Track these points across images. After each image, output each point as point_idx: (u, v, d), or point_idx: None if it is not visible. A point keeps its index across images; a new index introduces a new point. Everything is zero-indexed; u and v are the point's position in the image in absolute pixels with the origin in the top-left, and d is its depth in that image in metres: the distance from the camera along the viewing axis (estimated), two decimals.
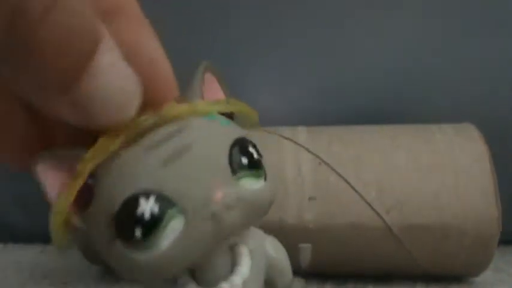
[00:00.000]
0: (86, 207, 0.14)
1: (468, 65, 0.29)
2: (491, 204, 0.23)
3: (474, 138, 0.24)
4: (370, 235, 0.23)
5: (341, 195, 0.23)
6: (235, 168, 0.14)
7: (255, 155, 0.15)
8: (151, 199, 0.13)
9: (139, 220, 0.13)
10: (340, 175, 0.23)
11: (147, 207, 0.13)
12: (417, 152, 0.24)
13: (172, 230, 0.13)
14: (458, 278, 0.26)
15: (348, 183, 0.23)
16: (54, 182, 0.15)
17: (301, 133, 0.26)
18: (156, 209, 0.13)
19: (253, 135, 0.21)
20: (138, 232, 0.13)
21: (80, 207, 0.14)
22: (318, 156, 0.24)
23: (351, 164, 0.24)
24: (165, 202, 0.13)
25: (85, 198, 0.14)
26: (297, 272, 0.22)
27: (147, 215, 0.13)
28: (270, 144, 0.25)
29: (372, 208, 0.23)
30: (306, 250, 0.23)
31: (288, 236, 0.23)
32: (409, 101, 0.30)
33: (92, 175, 0.14)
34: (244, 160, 0.15)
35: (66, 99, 0.13)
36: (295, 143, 0.25)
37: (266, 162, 0.15)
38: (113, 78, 0.13)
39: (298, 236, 0.23)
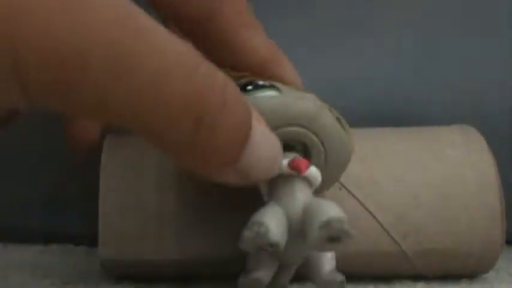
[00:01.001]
0: None
1: (468, 65, 0.29)
2: (497, 228, 0.24)
3: (483, 151, 0.25)
4: (387, 260, 0.24)
5: (360, 222, 0.24)
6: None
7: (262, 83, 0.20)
8: None
9: None
10: (361, 202, 0.24)
11: None
12: (431, 174, 0.25)
13: None
14: (458, 279, 0.26)
15: (368, 210, 0.24)
16: None
17: None
18: None
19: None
20: None
21: None
22: (340, 182, 0.24)
23: (370, 188, 0.24)
24: None
25: None
26: None
27: None
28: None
29: (390, 236, 0.24)
30: None
31: None
32: (409, 101, 0.30)
33: None
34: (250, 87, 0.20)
35: (230, 169, 0.16)
36: None
37: None
38: (266, 146, 0.17)
39: None
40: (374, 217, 0.24)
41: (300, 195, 0.19)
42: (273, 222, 0.17)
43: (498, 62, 0.30)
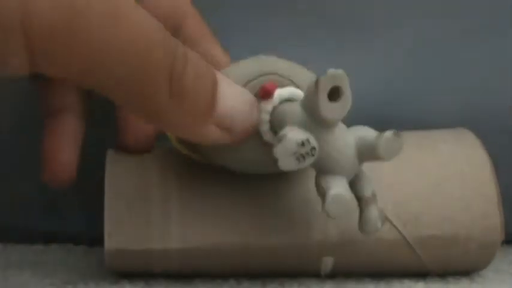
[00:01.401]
0: None
1: (464, 67, 0.29)
2: (494, 212, 0.25)
3: (475, 146, 0.26)
4: (388, 247, 0.25)
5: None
6: None
7: None
8: None
9: None
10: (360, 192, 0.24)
11: None
12: (426, 165, 0.26)
13: None
14: (458, 279, 0.26)
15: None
16: None
17: None
18: None
19: None
20: None
21: None
22: None
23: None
24: None
25: None
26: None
27: None
28: None
29: (391, 223, 0.24)
30: (327, 261, 0.25)
31: (313, 250, 0.24)
32: (407, 104, 0.30)
33: None
34: None
35: (211, 124, 0.19)
36: None
37: None
38: (235, 95, 0.19)
39: (322, 250, 0.24)
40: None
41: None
42: (299, 130, 0.18)
43: (499, 64, 0.30)
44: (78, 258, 0.29)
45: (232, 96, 0.19)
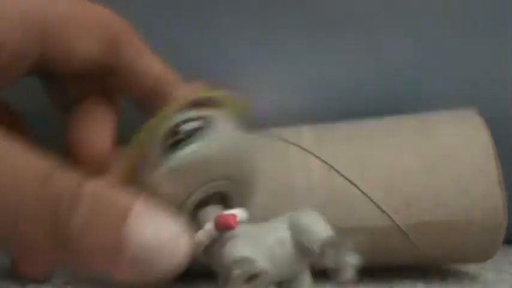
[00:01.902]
0: None
1: (472, 51, 0.29)
2: (496, 194, 0.23)
3: (477, 127, 0.24)
4: (380, 234, 0.24)
5: (350, 199, 0.24)
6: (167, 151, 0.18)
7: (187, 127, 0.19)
8: None
9: None
10: (350, 181, 0.24)
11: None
12: (422, 149, 0.24)
13: None
14: (459, 279, 0.26)
15: (359, 189, 0.24)
16: None
17: (307, 134, 0.26)
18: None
19: (259, 141, 0.24)
20: None
21: None
22: (327, 163, 0.24)
23: (359, 166, 0.24)
24: None
25: None
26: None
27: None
28: (277, 150, 0.26)
29: (382, 210, 0.23)
30: None
31: None
32: (414, 87, 0.30)
33: None
34: (174, 139, 0.18)
35: (123, 263, 0.15)
36: (304, 149, 0.25)
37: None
38: (155, 229, 0.16)
39: None
40: (363, 193, 0.24)
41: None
42: (251, 252, 0.17)
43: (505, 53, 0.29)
44: None
45: (151, 232, 0.16)
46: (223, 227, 0.18)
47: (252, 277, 0.17)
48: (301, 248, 0.19)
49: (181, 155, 0.18)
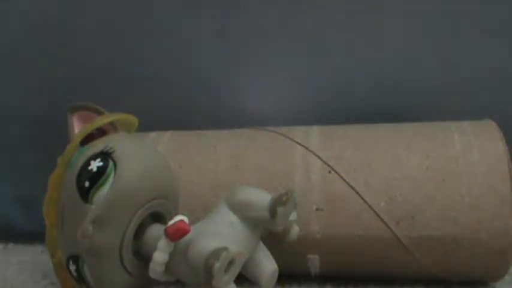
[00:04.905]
0: None
1: (489, 61, 0.28)
2: (506, 213, 0.21)
3: (494, 138, 0.23)
4: (378, 246, 0.22)
5: (350, 205, 0.23)
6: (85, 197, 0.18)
7: (95, 168, 0.19)
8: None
9: None
10: (350, 185, 0.23)
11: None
12: (432, 157, 0.23)
13: None
14: (461, 281, 0.25)
15: (358, 193, 0.23)
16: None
17: (315, 134, 0.25)
18: None
19: (265, 137, 0.23)
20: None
21: None
22: (328, 165, 0.23)
23: (362, 171, 0.23)
24: None
25: None
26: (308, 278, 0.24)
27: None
28: (282, 147, 0.25)
29: (382, 220, 0.22)
30: (314, 260, 0.23)
31: (295, 246, 0.23)
32: (427, 97, 0.29)
33: None
34: (87, 183, 0.18)
35: None
36: (307, 149, 0.25)
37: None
38: None
39: (305, 246, 0.23)
40: (364, 200, 0.22)
41: None
42: (219, 242, 0.17)
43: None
44: None
45: None
46: (179, 235, 0.18)
47: (230, 264, 0.17)
48: (251, 220, 0.19)
49: (101, 199, 0.18)
